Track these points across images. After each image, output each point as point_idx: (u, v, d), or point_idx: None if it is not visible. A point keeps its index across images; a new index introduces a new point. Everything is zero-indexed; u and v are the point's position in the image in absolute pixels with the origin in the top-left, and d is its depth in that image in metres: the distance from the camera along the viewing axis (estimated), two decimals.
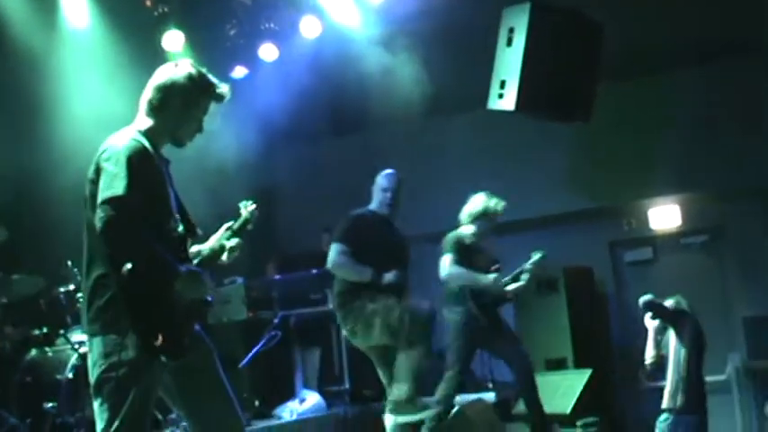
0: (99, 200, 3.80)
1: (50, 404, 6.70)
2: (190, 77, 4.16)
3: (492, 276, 7.29)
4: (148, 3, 9.15)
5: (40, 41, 8.20)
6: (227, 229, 4.36)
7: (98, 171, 3.92)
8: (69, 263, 7.35)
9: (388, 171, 6.82)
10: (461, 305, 7.28)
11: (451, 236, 7.42)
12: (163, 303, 3.84)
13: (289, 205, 11.79)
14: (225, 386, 4.16)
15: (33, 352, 7.17)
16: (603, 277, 9.85)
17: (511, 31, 7.95)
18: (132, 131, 4.08)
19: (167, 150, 4.27)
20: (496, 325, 7.36)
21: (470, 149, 10.23)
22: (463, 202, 7.79)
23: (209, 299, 4.15)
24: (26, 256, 7.73)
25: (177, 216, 4.16)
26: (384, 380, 6.38)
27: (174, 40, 9.39)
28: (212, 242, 4.34)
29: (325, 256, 10.24)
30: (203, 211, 4.72)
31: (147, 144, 4.03)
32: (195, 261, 4.22)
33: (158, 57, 9.30)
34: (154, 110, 4.14)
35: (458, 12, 10.45)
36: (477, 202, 7.58)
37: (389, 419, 6.29)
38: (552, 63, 7.95)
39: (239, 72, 9.86)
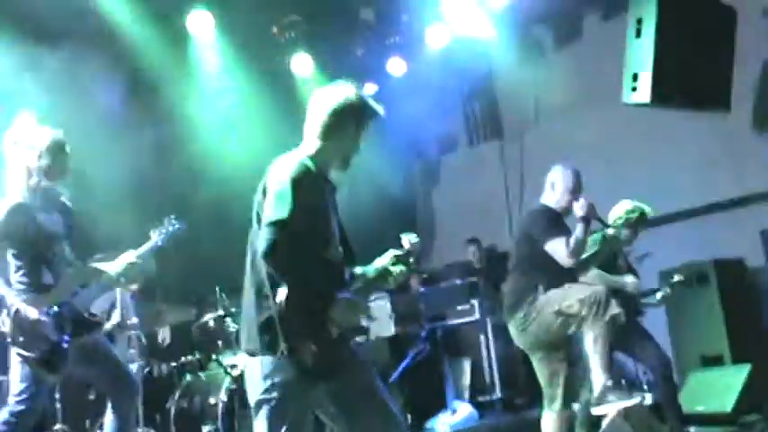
0: (264, 222, 3.87)
1: (207, 428, 6.84)
2: (359, 99, 4.21)
3: (631, 281, 7.14)
4: (275, 30, 9.33)
5: (175, 83, 8.47)
6: (394, 256, 4.34)
7: (265, 192, 4.00)
8: (218, 290, 7.55)
9: (569, 166, 6.54)
10: None
11: (596, 237, 7.26)
12: (317, 328, 3.86)
13: (426, 217, 11.82)
14: (385, 401, 4.14)
15: (188, 377, 7.35)
16: (756, 268, 9.47)
17: (639, 22, 7.79)
18: (301, 155, 4.14)
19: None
20: (634, 326, 7.16)
21: (609, 144, 10.03)
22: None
23: (364, 324, 4.16)
24: (175, 285, 7.94)
25: (337, 242, 4.19)
26: (543, 380, 6.22)
27: (302, 63, 9.56)
28: (377, 266, 4.32)
29: (470, 266, 10.32)
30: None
31: (313, 168, 4.09)
32: (357, 284, 4.24)
33: (289, 82, 9.52)
34: (322, 133, 4.19)
35: (585, 7, 10.35)
36: (622, 208, 7.41)
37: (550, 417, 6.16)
38: (685, 51, 7.75)
39: (369, 89, 9.93)
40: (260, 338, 3.94)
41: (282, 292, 3.81)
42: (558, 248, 6.02)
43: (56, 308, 5.33)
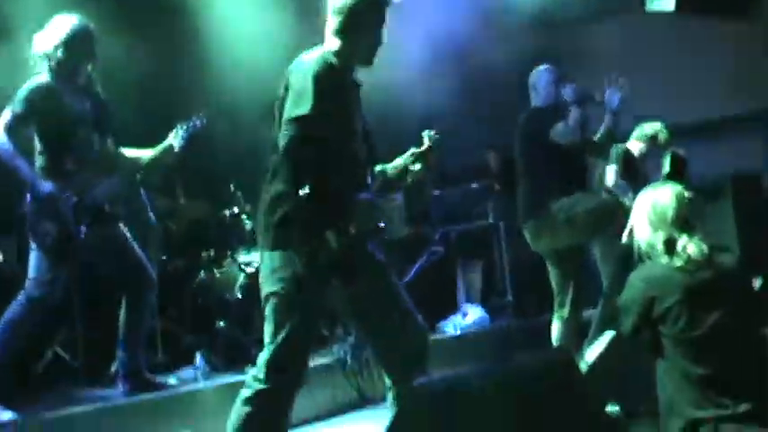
0: (285, 117, 3.86)
1: (222, 323, 6.90)
2: (363, 3, 4.13)
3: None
4: None
5: None
6: (412, 154, 4.31)
7: (286, 88, 3.97)
8: (233, 186, 7.53)
9: (548, 66, 6.56)
10: None
11: (620, 148, 7.24)
12: (334, 225, 3.85)
13: (444, 120, 11.73)
14: (403, 299, 4.18)
15: (202, 274, 7.39)
16: None
17: None
18: (320, 51, 4.10)
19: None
20: None
21: (628, 55, 9.89)
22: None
23: (381, 225, 4.15)
24: (191, 181, 7.93)
25: (360, 140, 4.17)
26: (555, 286, 6.26)
27: None
28: (396, 164, 4.31)
29: (486, 169, 10.27)
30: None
31: (336, 63, 4.04)
32: (377, 182, 4.23)
33: None
34: (342, 30, 4.13)
35: None
36: (651, 126, 7.38)
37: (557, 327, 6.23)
38: None
39: None
40: (274, 233, 3.98)
41: (301, 191, 3.80)
42: (558, 130, 6.03)
43: (75, 197, 5.34)
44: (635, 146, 7.39)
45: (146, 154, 5.71)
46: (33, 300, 5.43)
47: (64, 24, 5.40)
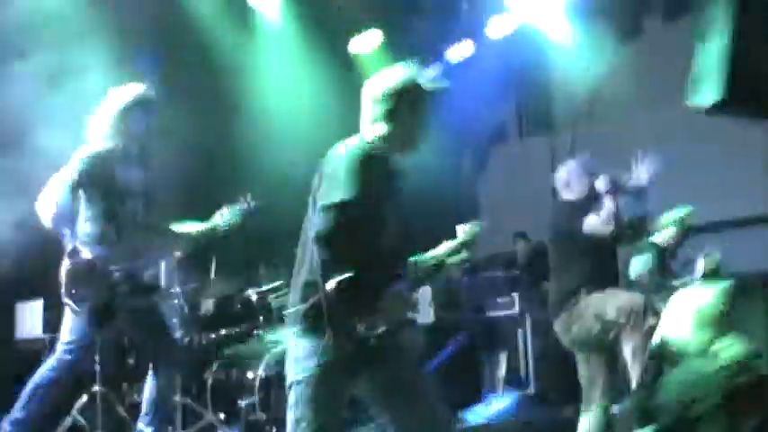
0: (320, 205, 3.81)
1: (245, 401, 6.85)
2: (414, 81, 4.12)
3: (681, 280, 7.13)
4: (339, 7, 9.32)
5: (234, 38, 8.48)
6: (448, 247, 4.30)
7: (322, 177, 3.92)
8: (262, 265, 7.54)
9: (579, 158, 6.57)
10: None
11: (651, 241, 7.24)
12: (365, 317, 3.82)
13: (471, 206, 11.75)
14: (430, 392, 4.10)
15: (227, 350, 7.37)
16: None
17: (709, 23, 7.67)
18: (359, 139, 4.06)
19: None
20: None
21: (663, 147, 9.89)
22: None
23: (410, 317, 4.12)
24: (220, 257, 7.96)
25: (393, 231, 4.11)
26: (583, 381, 6.18)
27: (364, 42, 9.55)
28: (432, 256, 4.28)
29: (513, 259, 10.28)
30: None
31: (373, 153, 3.98)
32: (411, 273, 4.20)
33: (350, 59, 9.51)
34: (381, 118, 4.07)
35: (649, 4, 10.23)
36: (677, 214, 7.39)
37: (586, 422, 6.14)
38: (755, 57, 7.61)
39: (432, 72, 9.85)
40: (303, 321, 3.90)
41: (334, 279, 3.77)
42: (592, 222, 5.99)
43: (115, 266, 5.36)
44: (665, 235, 7.37)
45: (188, 229, 5.76)
46: (64, 364, 5.45)
47: (123, 94, 5.52)
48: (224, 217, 5.75)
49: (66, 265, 5.30)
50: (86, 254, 5.27)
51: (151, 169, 5.66)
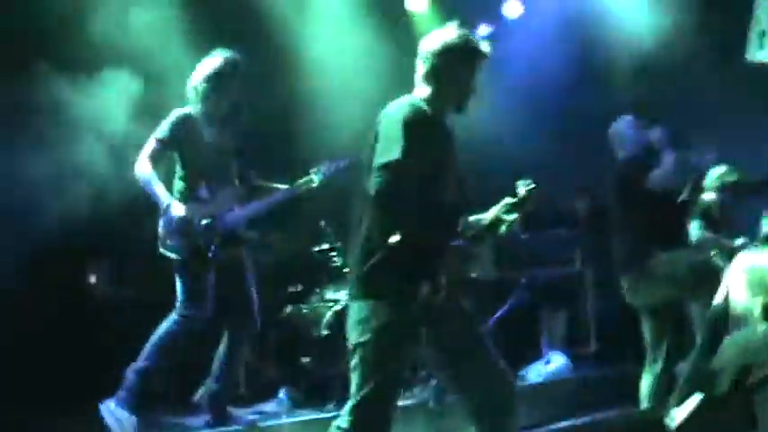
0: (375, 164, 3.85)
1: (306, 359, 6.93)
2: (462, 41, 4.15)
3: (742, 241, 7.01)
4: None
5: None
6: (506, 204, 4.28)
7: (376, 136, 3.97)
8: (323, 223, 7.59)
9: (630, 116, 6.55)
10: None
11: (699, 202, 7.17)
12: (425, 274, 3.85)
13: (533, 164, 11.66)
14: (490, 350, 4.14)
15: (289, 309, 7.44)
16: None
17: None
18: (411, 97, 4.12)
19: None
20: None
21: (724, 104, 9.75)
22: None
23: (474, 276, 4.14)
24: (282, 215, 8.00)
25: (453, 187, 4.15)
26: (649, 340, 6.15)
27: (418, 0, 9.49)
28: (491, 214, 4.29)
29: (575, 215, 10.20)
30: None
31: (427, 110, 4.05)
32: (471, 231, 4.21)
33: (403, 16, 9.46)
34: (431, 77, 4.15)
35: None
36: (715, 173, 7.30)
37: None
38: None
39: (483, 30, 9.82)
40: (364, 283, 3.96)
41: (394, 237, 3.79)
42: (656, 176, 5.96)
43: (207, 220, 5.67)
44: (709, 197, 7.30)
45: (281, 186, 6.06)
46: (185, 317, 5.72)
47: (211, 61, 5.78)
48: (319, 171, 5.89)
49: (160, 221, 5.64)
50: (179, 210, 5.58)
51: (241, 126, 5.94)
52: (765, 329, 3.82)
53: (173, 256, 5.66)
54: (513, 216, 4.24)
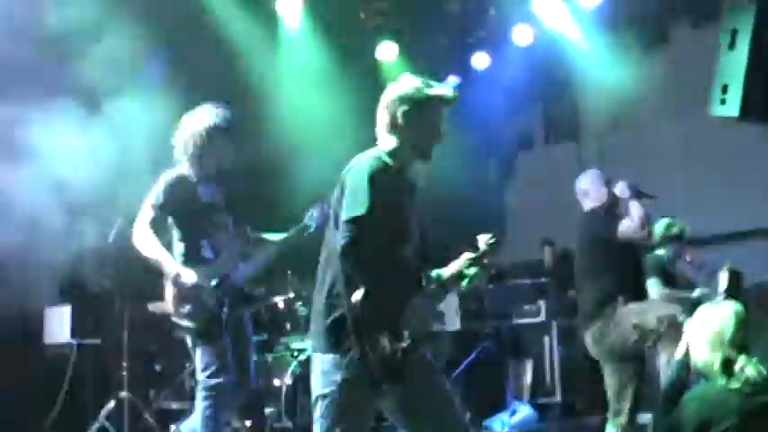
0: (342, 219, 3.83)
1: (270, 409, 6.88)
2: (417, 89, 4.16)
3: (700, 291, 7.13)
4: (363, 15, 9.36)
5: (256, 47, 8.56)
6: (468, 259, 4.27)
7: (342, 189, 3.95)
8: (289, 272, 7.56)
9: (595, 169, 6.63)
10: None
11: (651, 258, 7.27)
12: (388, 330, 3.84)
13: (497, 213, 11.74)
14: (453, 404, 4.08)
15: (254, 357, 7.38)
16: None
17: (734, 33, 7.67)
18: (376, 151, 4.08)
19: None
20: None
21: (689, 156, 9.89)
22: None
23: (434, 330, 4.12)
24: None
25: (415, 241, 4.12)
26: (611, 392, 6.15)
27: (388, 50, 9.57)
28: (452, 269, 4.27)
29: (539, 266, 10.25)
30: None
31: (390, 164, 4.03)
32: (433, 285, 4.19)
33: (373, 67, 9.53)
34: (392, 127, 4.10)
35: (676, 13, 10.19)
36: (660, 224, 7.41)
37: None
38: None
39: (452, 81, 9.92)
40: (327, 336, 3.91)
41: (358, 292, 3.77)
42: (625, 227, 6.01)
43: (215, 280, 5.39)
44: (666, 252, 7.45)
45: (275, 237, 5.78)
46: (214, 388, 5.32)
47: (203, 116, 5.55)
48: (312, 216, 5.75)
49: (170, 291, 5.35)
50: (190, 277, 5.30)
51: (228, 183, 5.70)
52: (725, 384, 3.84)
53: (189, 324, 5.34)
54: (475, 270, 4.23)
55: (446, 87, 4.22)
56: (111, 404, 6.91)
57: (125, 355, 7.04)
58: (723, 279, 6.70)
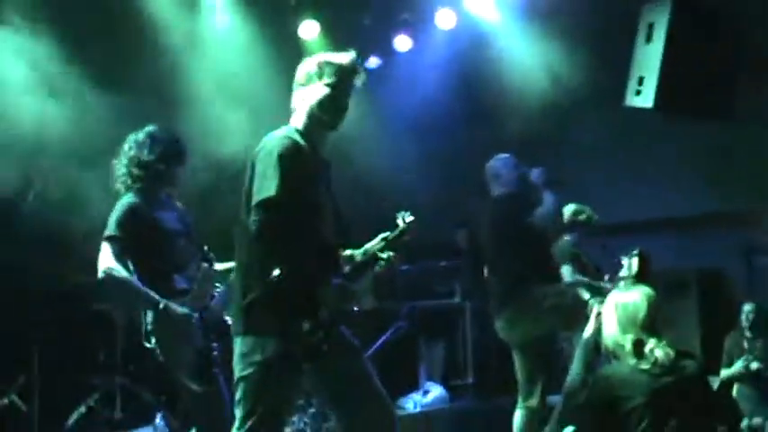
0: (253, 202, 3.83)
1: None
2: (320, 65, 4.13)
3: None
4: None
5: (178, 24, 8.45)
6: (383, 239, 4.30)
7: (253, 170, 3.94)
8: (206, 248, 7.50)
9: (507, 155, 6.68)
10: None
11: (564, 245, 7.40)
12: (306, 310, 3.86)
13: (416, 196, 11.80)
14: (374, 382, 4.14)
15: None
16: (737, 281, 9.56)
17: (650, 27, 7.83)
18: (286, 129, 4.08)
19: None
20: None
21: (605, 146, 10.07)
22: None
23: (354, 309, 4.14)
24: None
25: (330, 220, 4.14)
26: (522, 375, 6.23)
27: (309, 29, 9.53)
28: (368, 248, 4.28)
29: (455, 248, 10.34)
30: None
31: (301, 142, 4.01)
32: (347, 267, 4.21)
33: (295, 45, 9.48)
34: (301, 103, 4.13)
35: (595, 6, 10.32)
36: (568, 209, 7.53)
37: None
38: (692, 60, 7.78)
39: (373, 62, 9.93)
40: (244, 318, 3.94)
41: (274, 274, 3.78)
42: (540, 215, 6.11)
43: (196, 314, 4.91)
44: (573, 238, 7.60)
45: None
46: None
47: (154, 137, 5.13)
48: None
49: (162, 325, 4.81)
50: (175, 309, 4.80)
51: (181, 209, 5.26)
52: (634, 364, 3.96)
53: (177, 365, 4.83)
54: (392, 251, 4.26)
55: (351, 56, 4.20)
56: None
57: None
58: (634, 263, 6.88)
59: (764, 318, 8.38)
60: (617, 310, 4.12)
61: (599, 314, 4.42)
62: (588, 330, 4.39)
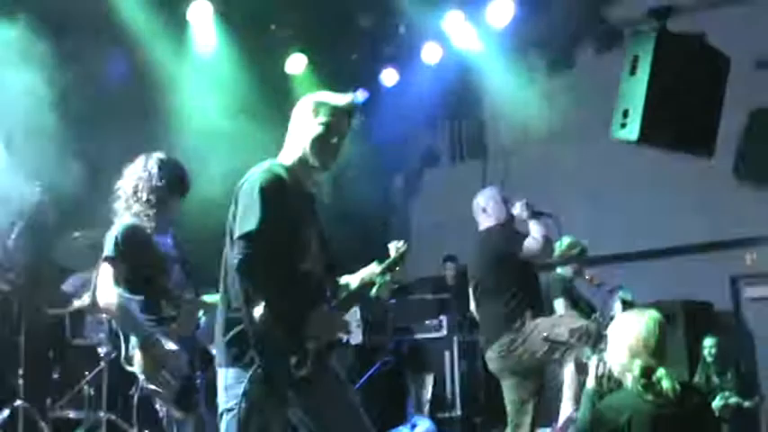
0: (236, 236, 3.80)
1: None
2: (316, 104, 4.16)
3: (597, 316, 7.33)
4: (274, 26, 9.37)
5: (171, 60, 8.48)
6: (376, 266, 4.27)
7: (237, 204, 3.91)
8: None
9: (493, 187, 6.73)
10: None
11: (557, 277, 7.41)
12: (291, 343, 3.84)
13: (402, 229, 11.82)
14: (360, 416, 4.08)
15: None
16: (724, 312, 9.58)
17: (635, 59, 7.86)
18: (269, 163, 4.04)
19: None
20: None
21: (592, 179, 10.11)
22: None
23: (342, 339, 4.10)
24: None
25: (316, 253, 4.09)
26: (512, 406, 6.20)
27: (297, 63, 9.58)
28: (359, 278, 4.26)
29: (442, 282, 10.34)
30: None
31: (285, 176, 3.99)
32: (340, 294, 4.18)
33: (283, 80, 9.52)
34: (293, 139, 4.10)
35: (581, 38, 10.42)
36: (563, 243, 7.55)
37: None
38: (676, 93, 7.83)
39: (360, 95, 9.96)
40: (227, 350, 3.89)
41: (258, 308, 3.76)
42: (529, 246, 6.08)
43: (183, 343, 4.84)
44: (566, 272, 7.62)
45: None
46: None
47: (160, 163, 5.04)
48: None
49: (143, 355, 4.71)
50: (165, 343, 4.74)
51: (176, 236, 5.15)
52: (640, 391, 3.94)
53: (167, 391, 4.74)
54: (384, 279, 4.24)
55: (349, 98, 4.17)
56: (6, 413, 6.74)
57: (21, 360, 6.87)
58: (617, 307, 6.91)
59: (725, 350, 8.46)
60: (626, 334, 4.08)
61: (598, 364, 4.39)
62: (590, 382, 4.34)
